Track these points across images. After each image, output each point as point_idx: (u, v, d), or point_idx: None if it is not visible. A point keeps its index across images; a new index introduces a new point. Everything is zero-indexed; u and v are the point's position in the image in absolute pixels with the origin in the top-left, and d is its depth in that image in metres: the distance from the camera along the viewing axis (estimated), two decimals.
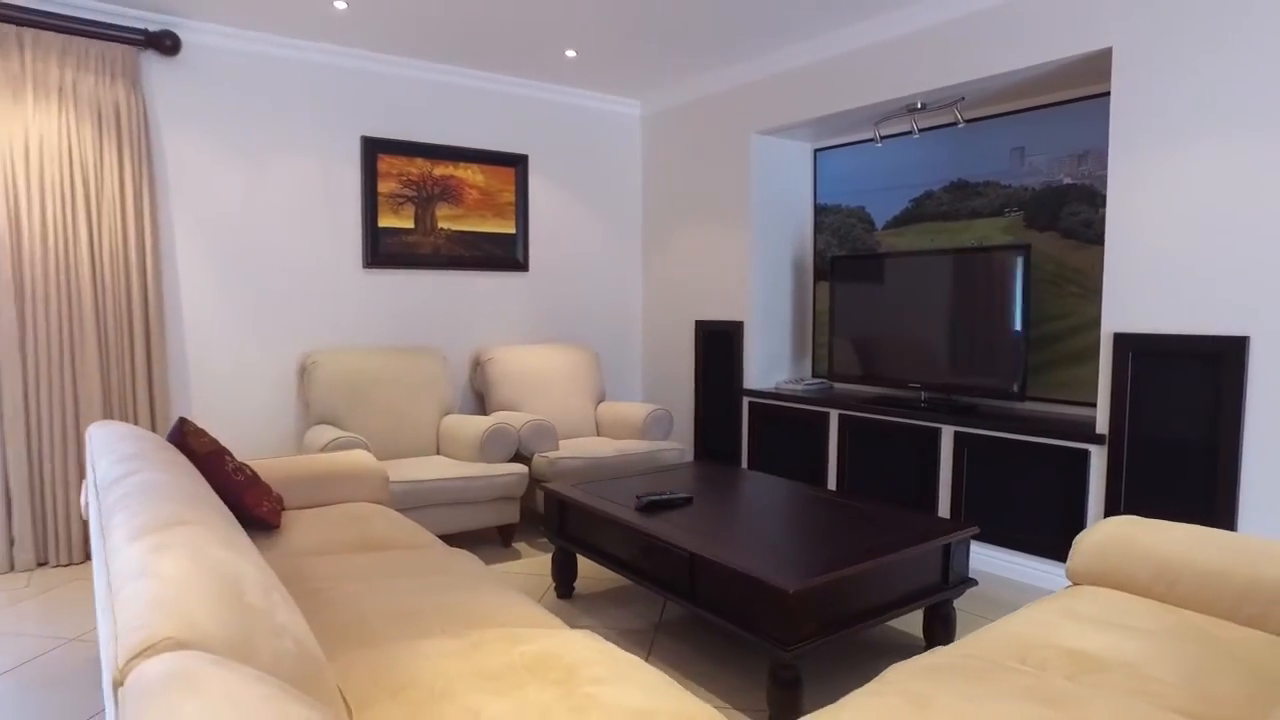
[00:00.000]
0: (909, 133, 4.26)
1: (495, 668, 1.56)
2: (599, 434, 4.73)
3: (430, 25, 3.91)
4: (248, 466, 2.74)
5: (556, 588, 3.31)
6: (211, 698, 0.80)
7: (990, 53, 3.48)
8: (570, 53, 4.37)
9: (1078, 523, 3.32)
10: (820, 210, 4.90)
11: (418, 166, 4.57)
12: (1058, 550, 3.37)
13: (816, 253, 4.94)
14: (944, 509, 3.81)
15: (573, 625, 2.50)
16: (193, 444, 2.59)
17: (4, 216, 3.45)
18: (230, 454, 2.69)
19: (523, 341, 5.02)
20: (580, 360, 4.87)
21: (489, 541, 4.06)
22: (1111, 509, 3.19)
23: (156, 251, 3.80)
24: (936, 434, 3.83)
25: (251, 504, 2.61)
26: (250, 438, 4.14)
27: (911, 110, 4.08)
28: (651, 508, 2.95)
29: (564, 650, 1.65)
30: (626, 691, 1.48)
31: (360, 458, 3.26)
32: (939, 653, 1.76)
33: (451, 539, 3.84)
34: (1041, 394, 3.85)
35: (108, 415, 3.70)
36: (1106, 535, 2.23)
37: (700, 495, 3.16)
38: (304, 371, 4.16)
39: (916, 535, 2.60)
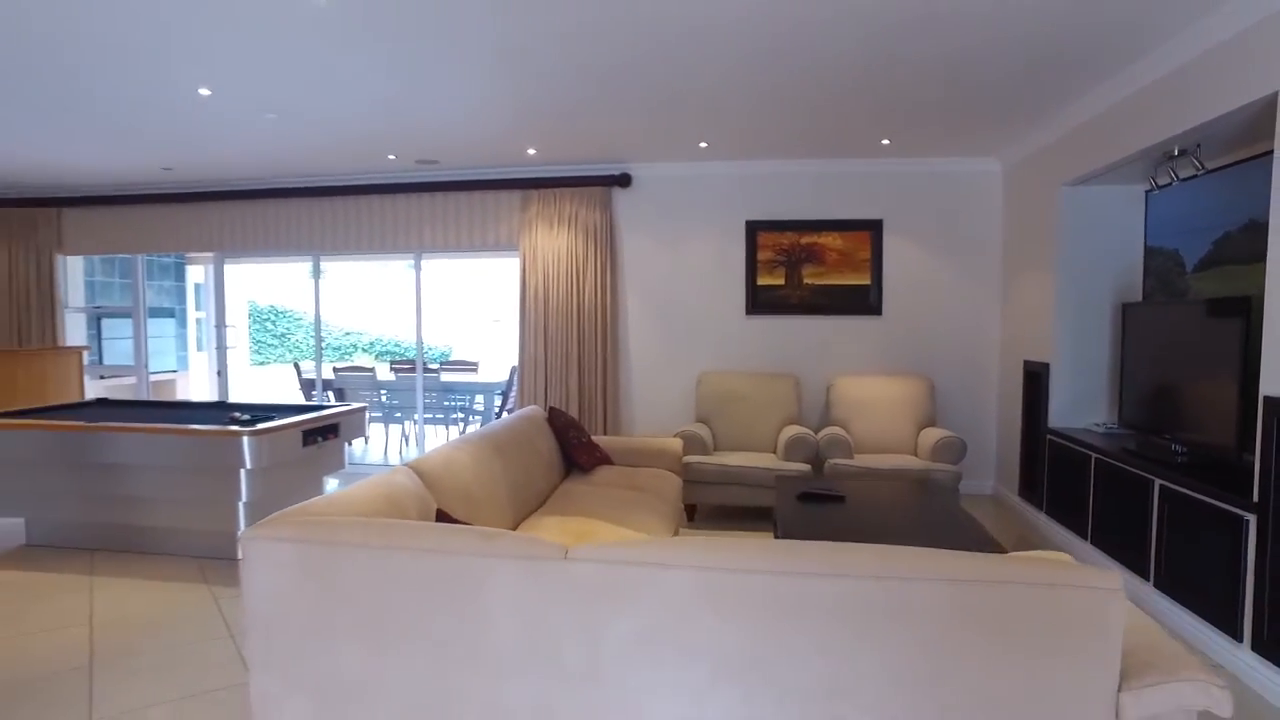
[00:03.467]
0: (1222, 168, 4.06)
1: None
2: (915, 453, 5.53)
3: (790, 135, 5.41)
4: (585, 435, 4.83)
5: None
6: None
7: None
8: (885, 141, 5.40)
9: None
10: (1149, 253, 4.78)
11: (788, 238, 6.12)
12: None
13: (1145, 295, 4.82)
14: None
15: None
16: (555, 423, 4.79)
17: (541, 288, 6.30)
18: (579, 429, 4.82)
19: (873, 373, 6.08)
20: (913, 390, 5.72)
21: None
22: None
23: (614, 306, 6.26)
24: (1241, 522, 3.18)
25: (576, 457, 4.69)
26: (662, 423, 6.31)
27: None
28: (805, 496, 4.07)
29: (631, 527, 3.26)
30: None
31: (669, 442, 5.07)
32: None
33: (744, 510, 5.33)
34: None
35: (582, 406, 6.26)
36: None
37: (860, 499, 4.08)
38: (697, 385, 6.12)
39: None
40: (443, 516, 2.65)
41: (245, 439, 4.12)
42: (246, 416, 4.71)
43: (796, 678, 1.78)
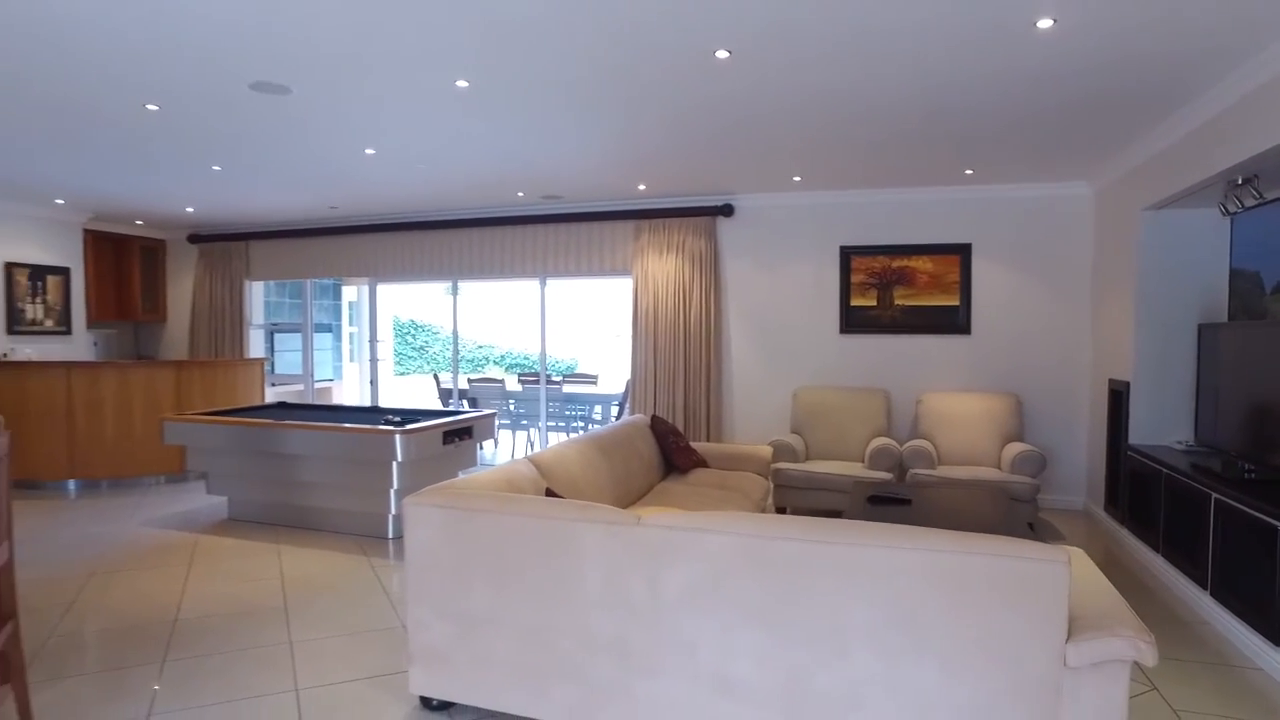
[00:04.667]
0: None
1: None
2: (999, 466, 5.81)
3: (877, 169, 5.85)
4: (684, 440, 5.43)
5: None
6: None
7: None
8: (968, 171, 5.74)
9: None
10: (1234, 274, 4.92)
11: (879, 262, 6.52)
12: None
13: (1231, 316, 4.96)
14: None
15: None
16: (657, 429, 5.42)
17: (651, 309, 6.96)
18: (678, 434, 5.43)
19: (961, 389, 6.38)
20: (999, 406, 6.00)
21: None
22: None
23: (717, 326, 6.84)
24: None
25: (675, 459, 5.30)
26: (760, 432, 6.82)
27: None
28: (875, 499, 4.52)
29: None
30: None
31: (760, 449, 5.60)
32: None
33: (830, 514, 5.75)
34: None
35: (687, 415, 6.87)
36: None
37: (928, 503, 4.49)
38: (793, 398, 6.60)
39: None
40: (550, 494, 3.33)
41: (398, 437, 4.97)
42: (398, 419, 5.59)
43: (805, 620, 2.33)
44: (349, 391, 13.16)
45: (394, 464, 5.05)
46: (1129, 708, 2.18)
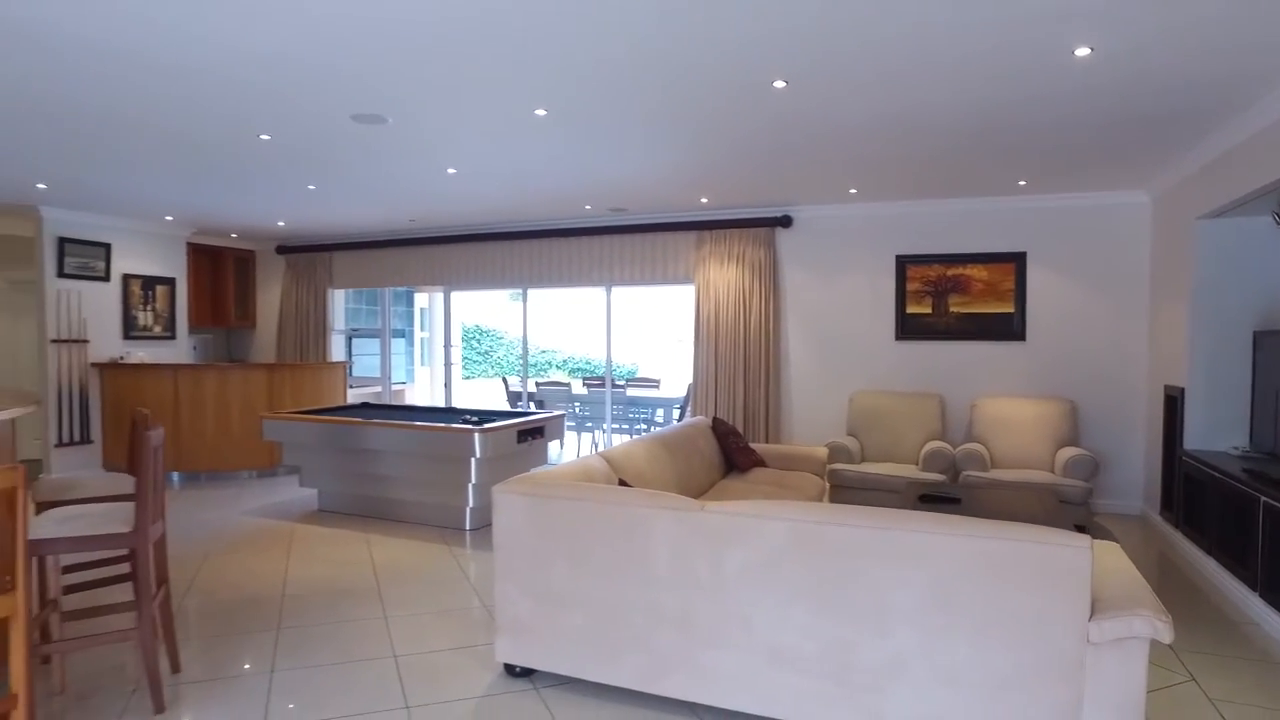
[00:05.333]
0: None
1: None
2: (1052, 470, 5.93)
3: (931, 181, 6.05)
4: (743, 441, 5.71)
5: None
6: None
7: None
8: (1021, 182, 5.90)
9: None
10: None
11: (934, 270, 6.70)
12: None
13: None
14: None
15: None
16: (718, 430, 5.72)
17: (712, 316, 7.26)
18: (738, 435, 5.72)
19: (1015, 394, 6.50)
20: (1053, 411, 6.12)
21: None
22: None
23: (776, 332, 7.10)
24: None
25: (735, 459, 5.58)
26: (817, 434, 7.05)
27: None
28: (925, 497, 4.73)
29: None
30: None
31: (816, 450, 5.84)
32: None
33: None
34: None
35: (747, 418, 7.14)
36: None
37: (976, 502, 4.68)
38: (849, 402, 6.81)
39: None
40: (623, 484, 3.65)
41: (477, 435, 5.37)
42: (475, 418, 6.01)
43: (851, 598, 2.60)
44: (420, 393, 13.74)
45: (472, 460, 5.45)
46: (1162, 694, 2.39)
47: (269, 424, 6.30)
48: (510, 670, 3.31)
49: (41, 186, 6.36)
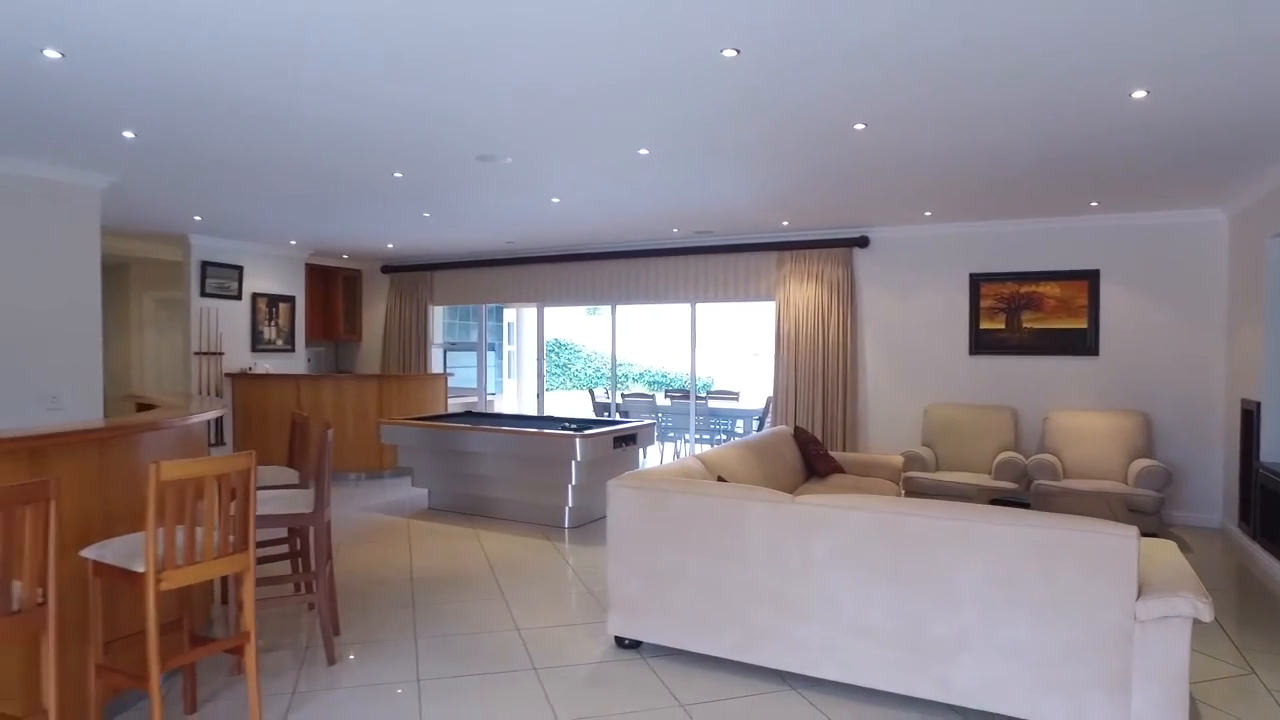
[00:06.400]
0: None
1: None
2: (1125, 481, 6.12)
3: (1002, 203, 6.34)
4: (823, 449, 6.10)
5: None
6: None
7: None
8: (1093, 203, 6.14)
9: None
10: None
11: (1008, 288, 6.96)
12: None
13: None
14: None
15: None
16: (799, 438, 6.12)
17: (793, 332, 7.67)
18: (817, 444, 6.11)
19: (1088, 408, 6.70)
20: (1126, 424, 6.31)
21: None
22: None
23: (853, 347, 7.46)
24: None
25: (815, 465, 5.98)
26: (893, 443, 7.36)
27: None
28: (995, 501, 5.04)
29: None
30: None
31: (892, 458, 6.18)
32: None
33: None
34: None
35: (825, 428, 7.50)
36: None
37: (1044, 508, 4.96)
38: (924, 413, 7.11)
39: None
40: (720, 480, 4.11)
41: (578, 439, 5.90)
42: (574, 425, 6.55)
43: (925, 580, 3.00)
44: (508, 403, 14.47)
45: (573, 463, 5.98)
46: (1224, 683, 2.71)
47: (387, 429, 6.97)
48: (620, 643, 3.79)
49: (197, 218, 7.22)
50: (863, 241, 7.48)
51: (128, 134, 4.43)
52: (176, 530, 2.64)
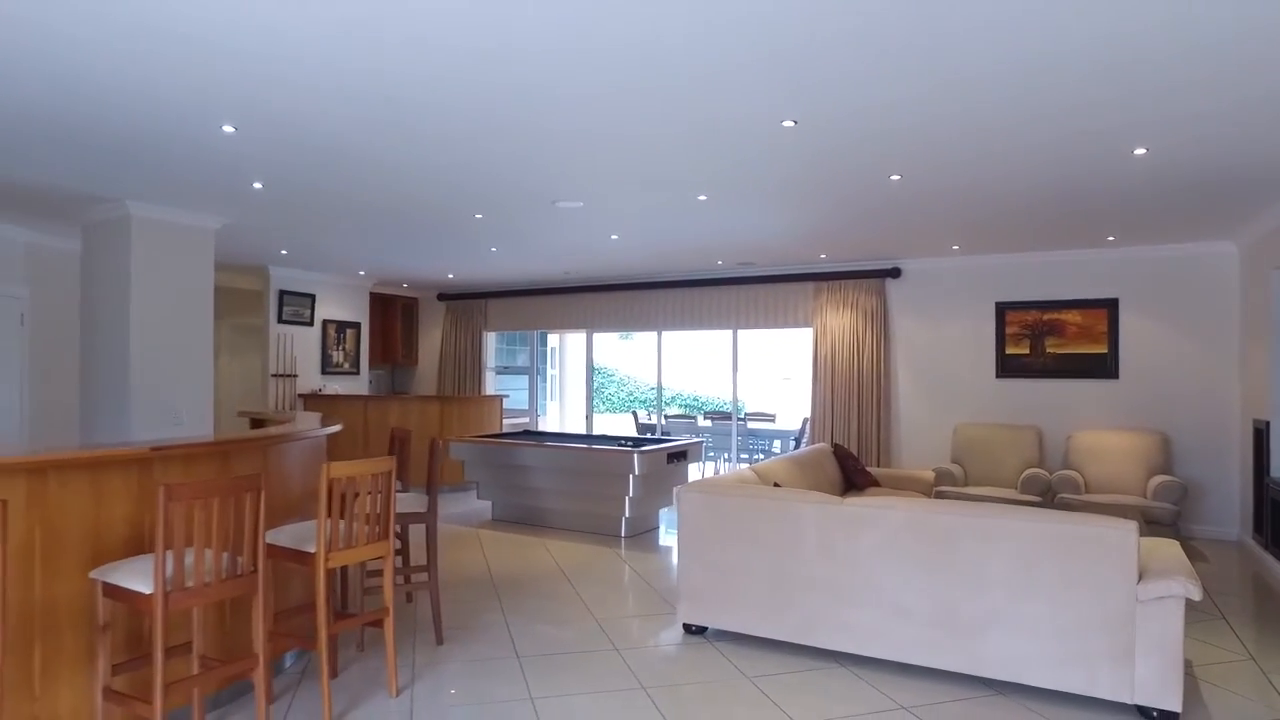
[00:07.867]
0: None
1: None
2: (1144, 495, 6.56)
3: (1025, 237, 6.88)
4: (860, 464, 6.62)
5: None
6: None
7: None
8: (1110, 238, 6.65)
9: None
10: None
11: (1032, 315, 7.46)
12: None
13: None
14: None
15: None
16: (838, 454, 6.65)
17: (829, 357, 8.22)
18: (855, 460, 6.63)
19: (1109, 428, 7.15)
20: (1145, 443, 6.76)
21: None
22: None
23: (886, 371, 7.99)
24: None
25: (854, 479, 6.49)
26: (923, 460, 7.84)
27: None
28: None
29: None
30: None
31: (924, 473, 6.69)
32: None
33: None
34: None
35: (859, 446, 8.00)
36: None
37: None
38: (953, 432, 7.59)
39: None
40: (775, 486, 4.66)
41: (635, 455, 6.47)
42: (629, 443, 7.12)
43: (955, 568, 3.52)
44: (552, 423, 15.09)
45: (630, 477, 6.55)
46: (1216, 662, 3.19)
47: (455, 446, 7.59)
48: (688, 629, 4.33)
49: (284, 252, 7.95)
50: (895, 273, 8.02)
51: (257, 185, 5.12)
52: (338, 520, 3.24)
